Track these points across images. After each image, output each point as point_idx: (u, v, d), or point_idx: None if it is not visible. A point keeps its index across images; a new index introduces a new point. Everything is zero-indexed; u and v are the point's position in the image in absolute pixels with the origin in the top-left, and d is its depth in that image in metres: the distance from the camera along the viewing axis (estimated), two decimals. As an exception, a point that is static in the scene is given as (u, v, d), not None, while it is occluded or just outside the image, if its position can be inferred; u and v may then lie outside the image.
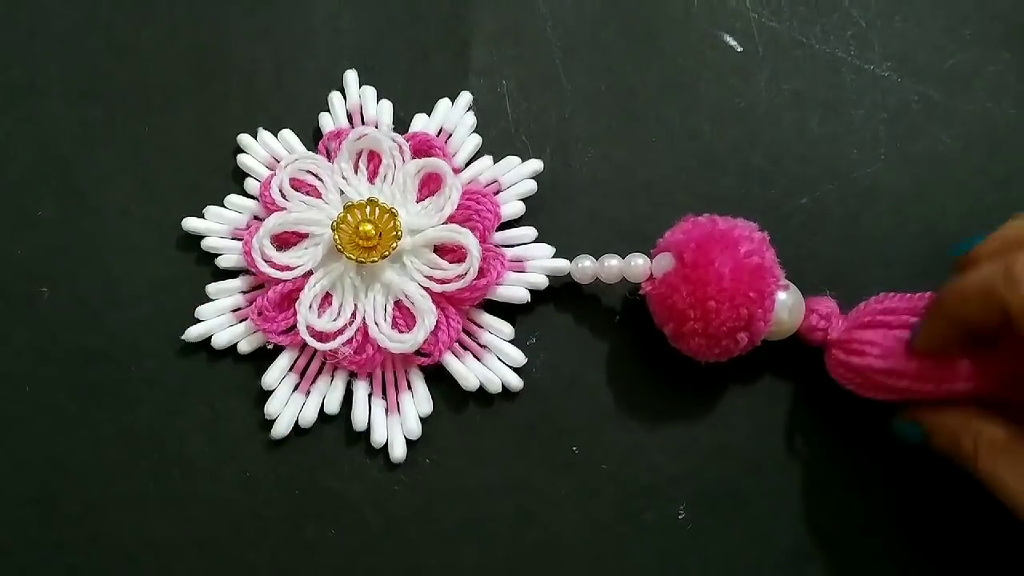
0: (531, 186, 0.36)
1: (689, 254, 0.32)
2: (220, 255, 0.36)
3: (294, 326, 0.35)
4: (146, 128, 0.38)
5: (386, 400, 0.35)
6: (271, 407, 0.35)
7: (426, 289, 0.34)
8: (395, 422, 0.35)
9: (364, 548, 0.35)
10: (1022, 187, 0.36)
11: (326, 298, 0.35)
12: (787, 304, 0.33)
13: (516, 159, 0.36)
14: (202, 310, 0.36)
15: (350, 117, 0.37)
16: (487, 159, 0.37)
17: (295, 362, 0.36)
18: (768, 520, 0.35)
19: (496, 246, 0.35)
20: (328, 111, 0.37)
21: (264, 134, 0.37)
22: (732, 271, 0.31)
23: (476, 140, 0.37)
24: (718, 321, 0.31)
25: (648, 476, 0.35)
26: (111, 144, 0.38)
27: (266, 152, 0.37)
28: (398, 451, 0.35)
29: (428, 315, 0.34)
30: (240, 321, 0.36)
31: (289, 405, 0.35)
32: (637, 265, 0.34)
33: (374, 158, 0.36)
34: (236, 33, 0.39)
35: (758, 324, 0.32)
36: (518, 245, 0.36)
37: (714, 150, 0.37)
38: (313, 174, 0.36)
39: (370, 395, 0.35)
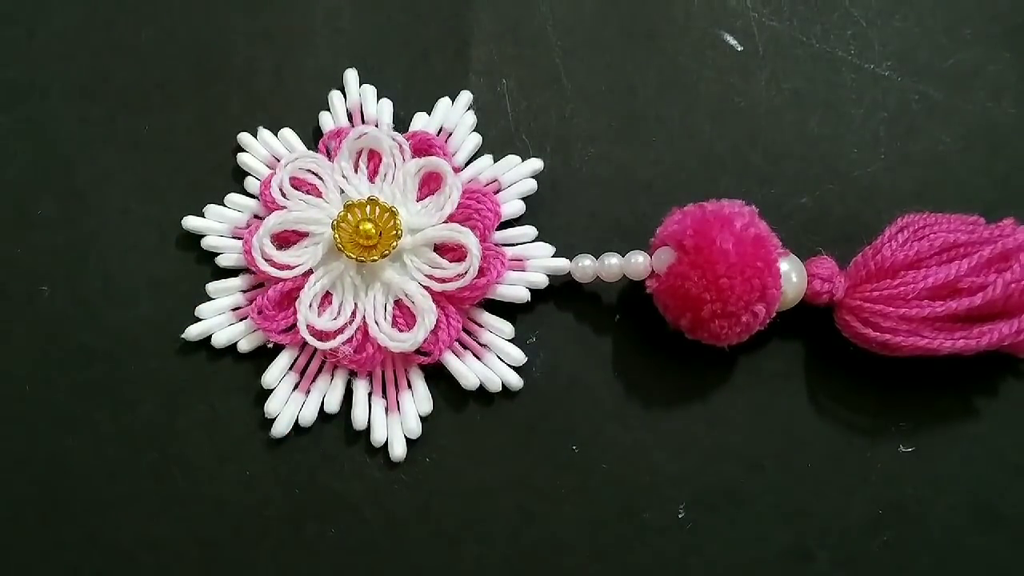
0: (531, 185, 0.36)
1: (689, 240, 0.32)
2: (220, 254, 0.36)
3: (294, 325, 0.35)
4: (146, 127, 0.38)
5: (386, 399, 0.35)
6: (271, 406, 0.35)
7: (426, 288, 0.34)
8: (395, 421, 0.35)
9: (364, 547, 0.35)
10: (1022, 187, 0.36)
11: (326, 297, 0.35)
12: (790, 272, 0.33)
13: (516, 158, 0.36)
14: (202, 309, 0.36)
15: (350, 116, 0.37)
16: (487, 158, 0.37)
17: (295, 361, 0.36)
18: (768, 520, 0.35)
19: (496, 245, 0.35)
20: (328, 110, 0.37)
21: (264, 133, 0.37)
22: (735, 245, 0.32)
23: (476, 139, 0.37)
24: (735, 296, 0.31)
25: (648, 476, 0.35)
26: (111, 143, 0.38)
27: (266, 151, 0.37)
28: (398, 450, 0.35)
29: (428, 314, 0.34)
30: (240, 320, 0.36)
31: (289, 404, 0.35)
32: (637, 263, 0.34)
33: (374, 157, 0.36)
34: (236, 32, 0.39)
35: (771, 292, 0.32)
36: (518, 244, 0.36)
37: (714, 149, 0.37)
38: (313, 173, 0.36)
39: (370, 394, 0.35)
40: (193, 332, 0.36)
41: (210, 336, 0.36)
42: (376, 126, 0.37)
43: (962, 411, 0.35)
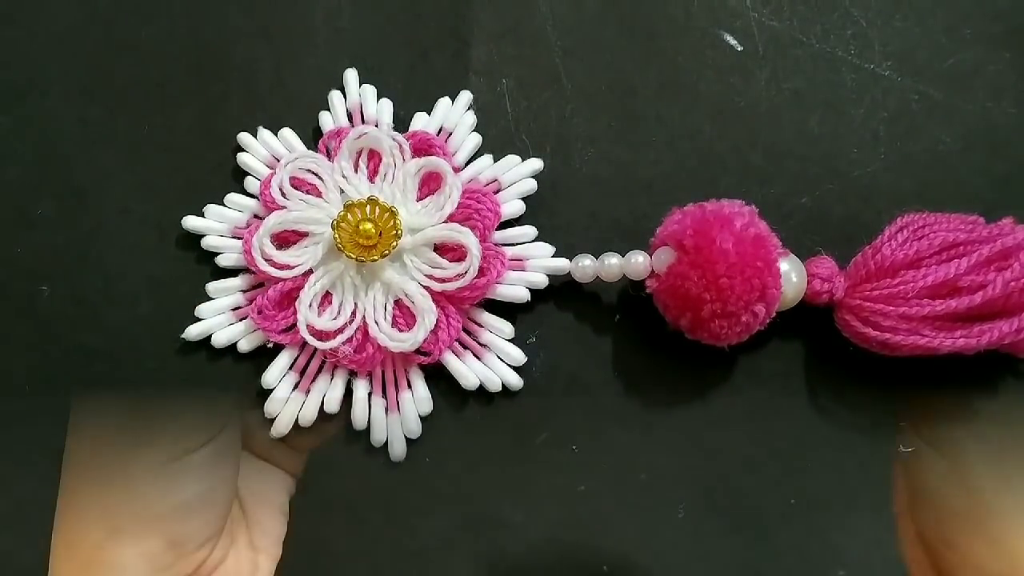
0: (531, 185, 0.36)
1: (689, 240, 0.32)
2: (220, 254, 0.36)
3: (294, 325, 0.35)
4: (146, 126, 0.38)
5: (386, 399, 0.35)
6: (271, 406, 0.35)
7: (426, 288, 0.34)
8: (395, 421, 0.35)
9: (364, 547, 0.35)
10: (1022, 187, 0.36)
11: (326, 297, 0.35)
12: (790, 272, 0.33)
13: (516, 158, 0.36)
14: (202, 309, 0.36)
15: (350, 116, 0.37)
16: (487, 158, 0.37)
17: (295, 361, 0.35)
18: (768, 519, 0.35)
19: (496, 245, 0.35)
20: (328, 110, 0.37)
21: (264, 133, 0.37)
22: (735, 245, 0.32)
23: (476, 139, 0.37)
24: (735, 296, 0.31)
25: (648, 476, 0.35)
26: (111, 143, 0.38)
27: (266, 151, 0.37)
28: (398, 450, 0.35)
29: (428, 314, 0.34)
30: (240, 320, 0.36)
31: (289, 404, 0.35)
32: (638, 263, 0.34)
33: (374, 157, 0.36)
34: (236, 31, 0.39)
35: (771, 292, 0.32)
36: (518, 244, 0.36)
37: (714, 149, 0.37)
38: (313, 173, 0.36)
39: (370, 394, 0.35)
40: (193, 332, 0.36)
41: (210, 336, 0.36)
42: (376, 126, 0.37)
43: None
